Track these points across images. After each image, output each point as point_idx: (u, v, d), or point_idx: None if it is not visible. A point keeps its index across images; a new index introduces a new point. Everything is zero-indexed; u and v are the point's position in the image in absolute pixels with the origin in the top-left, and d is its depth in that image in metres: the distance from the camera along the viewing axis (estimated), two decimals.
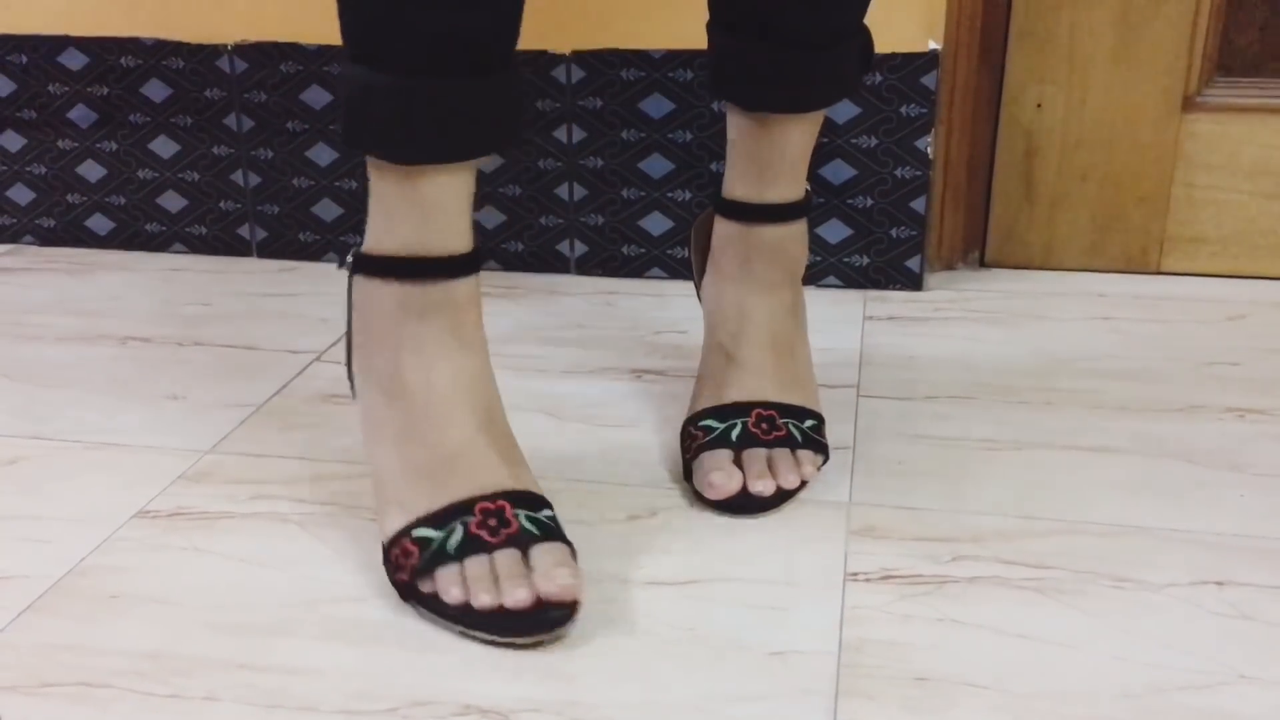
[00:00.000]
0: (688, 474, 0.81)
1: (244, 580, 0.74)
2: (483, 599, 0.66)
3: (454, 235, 0.70)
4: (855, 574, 0.73)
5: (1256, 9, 1.14)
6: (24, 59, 1.27)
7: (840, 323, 1.11)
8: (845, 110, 1.14)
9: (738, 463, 0.79)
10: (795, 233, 0.84)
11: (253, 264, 1.29)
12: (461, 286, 0.71)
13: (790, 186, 0.82)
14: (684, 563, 0.74)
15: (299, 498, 0.83)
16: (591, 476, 0.84)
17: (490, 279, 1.22)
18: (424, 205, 0.69)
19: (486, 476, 0.70)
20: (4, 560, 0.76)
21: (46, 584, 0.73)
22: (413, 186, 0.69)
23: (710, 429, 0.81)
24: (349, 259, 0.74)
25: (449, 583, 0.67)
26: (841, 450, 0.88)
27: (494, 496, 0.69)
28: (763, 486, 0.78)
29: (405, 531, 0.69)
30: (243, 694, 0.64)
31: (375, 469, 0.72)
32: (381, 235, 0.71)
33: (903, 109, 1.13)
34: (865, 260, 1.18)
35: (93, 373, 1.03)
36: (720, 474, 0.78)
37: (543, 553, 0.68)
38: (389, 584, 0.71)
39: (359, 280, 0.73)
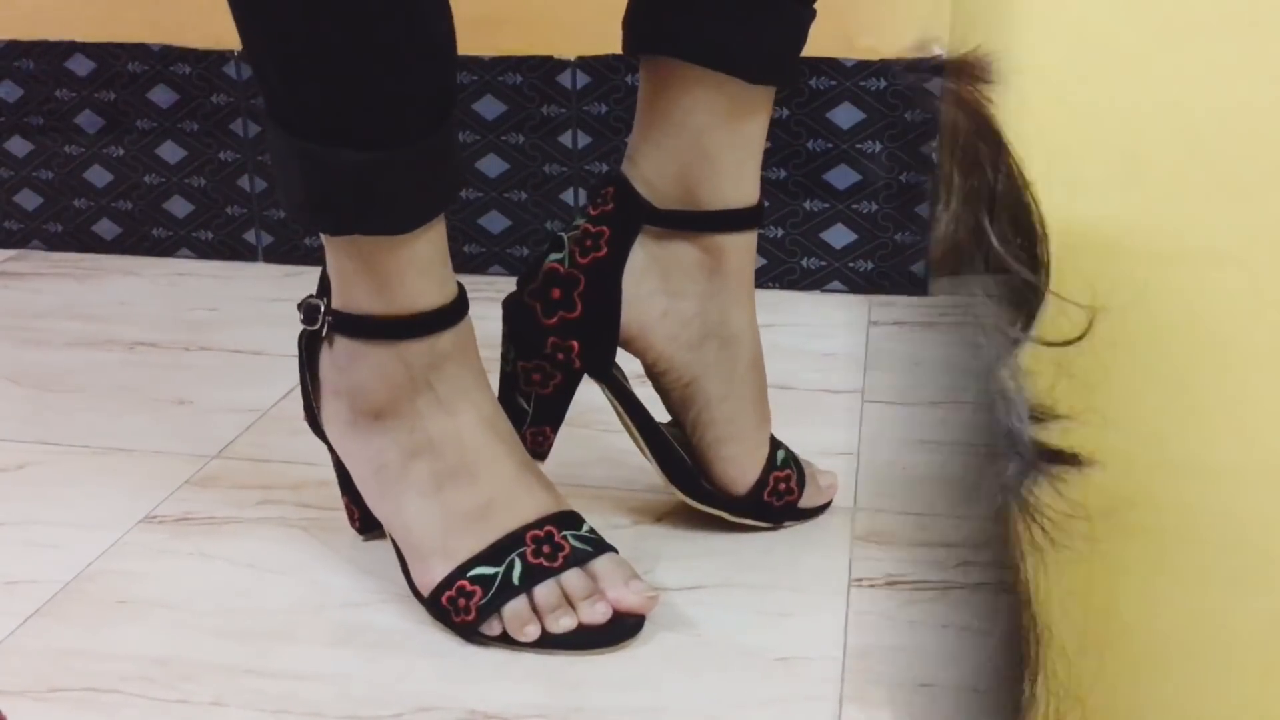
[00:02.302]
0: None
1: (250, 585, 0.74)
2: (563, 623, 0.67)
3: (448, 279, 0.69)
4: (860, 579, 0.73)
5: None
6: (31, 64, 1.27)
7: (844, 327, 1.11)
8: (850, 115, 1.14)
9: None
10: None
11: (259, 269, 1.29)
12: (465, 326, 0.70)
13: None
14: (689, 568, 0.75)
15: (305, 503, 0.83)
16: (595, 482, 0.85)
17: (496, 284, 1.22)
18: (419, 263, 0.66)
19: (527, 505, 0.69)
20: (12, 565, 0.76)
21: (54, 589, 0.74)
22: (405, 249, 0.65)
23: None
24: (323, 318, 0.70)
25: (522, 621, 0.67)
26: (846, 456, 0.88)
27: (540, 523, 0.69)
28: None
29: (458, 574, 0.68)
30: (249, 699, 0.64)
31: (401, 525, 0.70)
32: (367, 297, 0.67)
33: (908, 114, 1.13)
34: (870, 265, 1.19)
35: (100, 378, 1.03)
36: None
37: (604, 567, 0.69)
38: (395, 589, 0.72)
39: (341, 341, 0.70)
